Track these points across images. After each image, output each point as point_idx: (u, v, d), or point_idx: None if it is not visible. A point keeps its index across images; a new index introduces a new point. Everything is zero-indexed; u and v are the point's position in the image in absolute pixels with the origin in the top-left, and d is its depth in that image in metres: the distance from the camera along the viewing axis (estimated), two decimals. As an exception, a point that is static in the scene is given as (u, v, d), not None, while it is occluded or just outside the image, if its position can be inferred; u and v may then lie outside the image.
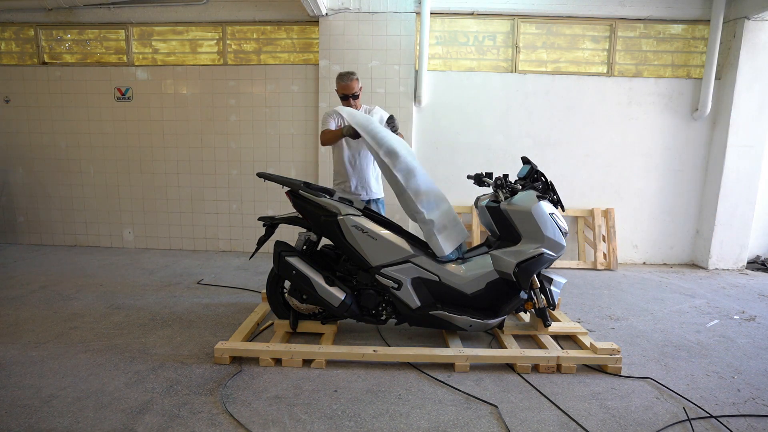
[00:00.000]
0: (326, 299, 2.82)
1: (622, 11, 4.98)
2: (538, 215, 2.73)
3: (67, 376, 2.50)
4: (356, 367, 2.66)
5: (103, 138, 5.48)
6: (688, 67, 5.16)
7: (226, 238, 5.55)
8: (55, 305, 3.59)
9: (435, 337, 3.10)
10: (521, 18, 5.07)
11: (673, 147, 5.19)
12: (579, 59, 5.18)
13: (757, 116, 4.93)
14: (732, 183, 5.01)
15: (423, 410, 2.25)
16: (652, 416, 2.24)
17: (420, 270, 2.82)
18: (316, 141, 5.27)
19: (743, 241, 5.14)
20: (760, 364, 2.83)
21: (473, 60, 5.19)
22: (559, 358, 2.66)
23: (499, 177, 2.93)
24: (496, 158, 5.20)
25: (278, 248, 2.92)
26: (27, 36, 5.44)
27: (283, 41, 5.27)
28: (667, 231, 5.34)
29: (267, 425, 2.11)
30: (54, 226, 5.69)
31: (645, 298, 4.09)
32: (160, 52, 5.36)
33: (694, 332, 3.32)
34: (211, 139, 5.39)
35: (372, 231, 2.78)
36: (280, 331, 2.98)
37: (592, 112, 5.14)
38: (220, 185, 5.46)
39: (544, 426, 2.15)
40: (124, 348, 2.86)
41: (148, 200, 5.54)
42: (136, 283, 4.21)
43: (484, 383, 2.52)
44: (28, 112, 5.49)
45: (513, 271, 2.74)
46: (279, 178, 2.90)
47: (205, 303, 3.71)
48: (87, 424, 2.09)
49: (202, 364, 2.67)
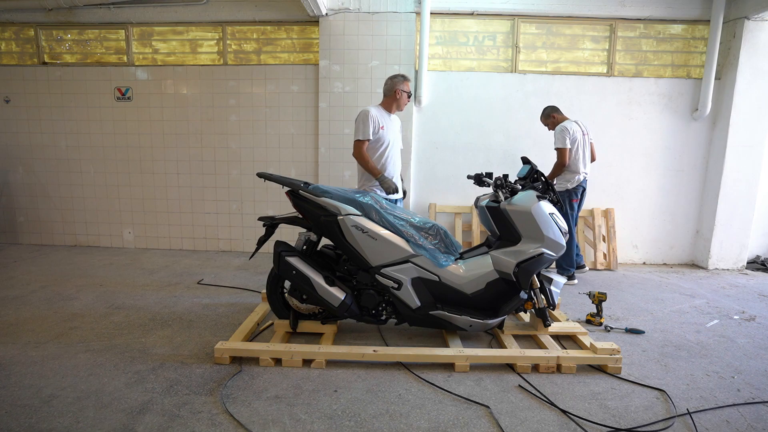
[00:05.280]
0: (326, 299, 2.82)
1: (622, 11, 4.98)
2: (538, 215, 2.73)
3: (67, 376, 2.50)
4: (356, 367, 2.66)
5: (103, 138, 5.48)
6: (688, 67, 5.16)
7: (226, 238, 5.55)
8: (55, 305, 3.59)
9: (435, 337, 3.10)
10: (521, 18, 5.07)
11: (673, 147, 5.19)
12: (579, 59, 5.19)
13: (757, 116, 4.93)
14: (732, 183, 5.01)
15: (423, 410, 2.25)
16: (652, 416, 2.24)
17: (420, 270, 2.82)
18: (316, 141, 5.27)
19: (743, 241, 5.14)
20: (760, 364, 2.83)
21: (473, 60, 5.19)
22: (559, 358, 2.66)
23: (499, 177, 2.93)
24: (496, 158, 5.20)
25: (278, 248, 2.92)
26: (27, 36, 5.44)
27: (283, 41, 5.27)
28: (667, 231, 5.34)
29: (267, 425, 2.11)
30: (54, 226, 5.69)
31: (645, 298, 4.09)
32: (160, 52, 5.36)
33: (694, 332, 3.32)
34: (211, 139, 5.39)
35: (372, 231, 2.78)
36: (280, 331, 2.98)
37: (592, 112, 5.14)
38: (220, 185, 5.46)
39: (544, 426, 2.14)
40: (124, 348, 2.86)
41: (148, 200, 5.54)
42: (136, 283, 4.21)
43: (484, 383, 2.52)
44: (28, 112, 5.50)
45: (513, 271, 2.74)
46: (279, 178, 2.90)
47: (205, 303, 3.71)
48: (87, 424, 2.09)
49: (202, 364, 2.67)
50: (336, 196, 2.86)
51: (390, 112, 3.60)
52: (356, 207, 2.83)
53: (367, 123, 3.40)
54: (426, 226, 2.95)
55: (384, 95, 3.60)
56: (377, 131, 3.44)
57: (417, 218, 2.99)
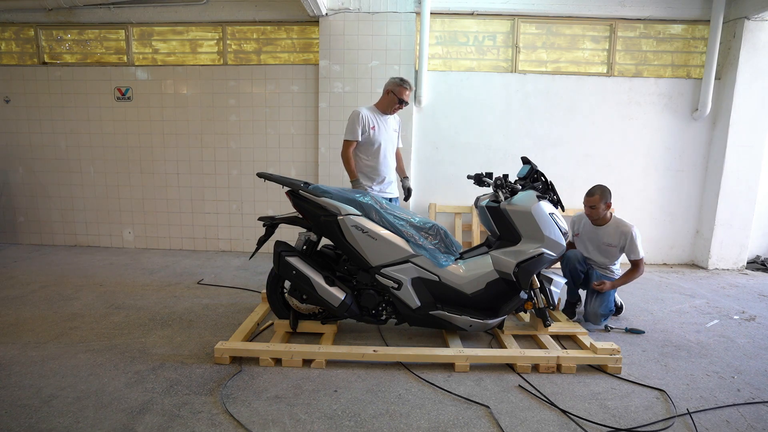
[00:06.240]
0: (326, 299, 2.82)
1: (622, 11, 4.98)
2: (538, 215, 2.73)
3: (67, 376, 2.50)
4: (356, 367, 2.66)
5: (103, 138, 5.48)
6: (688, 67, 5.16)
7: (226, 238, 5.55)
8: (55, 305, 3.59)
9: (435, 337, 3.10)
10: (521, 18, 5.07)
11: (673, 147, 5.19)
12: (579, 59, 5.18)
13: (757, 116, 4.93)
14: (732, 183, 5.01)
15: (423, 410, 2.25)
16: (652, 416, 2.24)
17: (420, 270, 2.82)
18: (316, 141, 5.27)
19: (743, 241, 5.14)
20: (760, 364, 2.83)
21: (473, 60, 5.19)
22: (559, 358, 2.66)
23: (499, 177, 2.93)
24: (496, 158, 5.20)
25: (278, 248, 2.92)
26: (27, 36, 5.44)
27: (283, 41, 5.27)
28: (667, 231, 5.34)
29: (267, 425, 2.11)
30: (54, 226, 5.69)
31: (645, 298, 4.09)
32: (160, 52, 5.36)
33: (694, 332, 3.32)
34: (211, 139, 5.39)
35: (372, 231, 2.78)
36: (280, 331, 2.98)
37: (592, 112, 5.15)
38: (220, 185, 5.46)
39: (544, 426, 2.14)
40: (124, 348, 2.86)
41: (148, 200, 5.54)
42: (136, 283, 4.21)
43: (484, 383, 2.52)
44: (28, 112, 5.50)
45: (513, 271, 2.74)
46: (279, 178, 2.90)
47: (205, 303, 3.71)
48: (87, 424, 2.09)
49: (202, 364, 2.67)
50: (336, 196, 2.86)
51: (384, 113, 3.60)
52: (356, 207, 2.83)
53: (355, 123, 3.44)
54: (426, 226, 2.95)
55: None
56: (366, 131, 3.46)
57: (417, 218, 2.99)
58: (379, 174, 3.59)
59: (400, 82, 3.49)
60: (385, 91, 3.55)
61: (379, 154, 3.55)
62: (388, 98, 3.53)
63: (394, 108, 3.56)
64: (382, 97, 3.58)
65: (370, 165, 3.57)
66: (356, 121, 3.45)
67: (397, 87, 3.48)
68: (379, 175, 3.59)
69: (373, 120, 3.51)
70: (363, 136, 3.48)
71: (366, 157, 3.56)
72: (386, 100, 3.55)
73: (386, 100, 3.55)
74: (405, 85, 3.49)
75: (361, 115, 3.46)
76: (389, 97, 3.52)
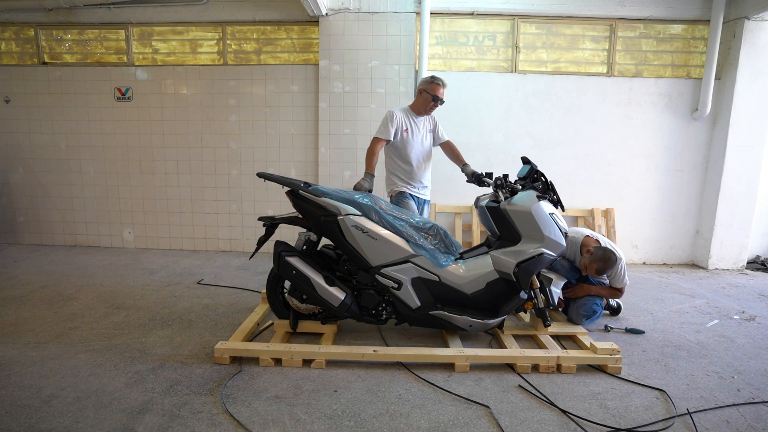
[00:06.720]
0: (326, 299, 2.82)
1: (622, 11, 4.98)
2: (538, 215, 2.73)
3: (67, 376, 2.50)
4: (356, 367, 2.66)
5: (103, 138, 5.48)
6: (688, 67, 5.16)
7: (226, 238, 5.55)
8: (55, 305, 3.59)
9: (435, 337, 3.10)
10: (521, 18, 5.07)
11: (673, 147, 5.19)
12: (579, 59, 5.19)
13: (757, 116, 4.93)
14: (732, 183, 5.01)
15: (423, 410, 2.25)
16: (652, 416, 2.24)
17: (420, 270, 2.82)
18: (316, 141, 5.27)
19: (743, 241, 5.14)
20: (760, 364, 2.83)
21: (473, 60, 5.19)
22: (559, 358, 2.66)
23: (499, 177, 2.93)
24: (496, 158, 5.20)
25: (278, 248, 2.92)
26: (27, 36, 5.44)
27: (283, 41, 5.27)
28: (667, 231, 5.34)
29: (267, 425, 2.11)
30: (54, 226, 5.69)
31: (645, 298, 4.09)
32: (160, 52, 5.36)
33: (694, 332, 3.32)
34: (211, 139, 5.39)
35: (372, 231, 2.77)
36: (280, 331, 2.98)
37: (592, 112, 5.15)
38: (220, 185, 5.46)
39: (544, 426, 2.14)
40: (124, 348, 2.86)
41: (148, 200, 5.54)
42: (136, 283, 4.21)
43: (484, 383, 2.52)
44: (28, 112, 5.50)
45: (513, 271, 2.74)
46: (279, 178, 2.90)
47: (205, 303, 3.71)
48: (87, 424, 2.09)
49: (202, 364, 2.66)
50: (336, 197, 2.86)
51: (419, 114, 3.55)
52: (356, 207, 2.83)
53: (388, 123, 3.40)
54: (426, 226, 2.95)
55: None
56: (399, 134, 3.43)
57: (417, 218, 2.99)
58: (414, 178, 3.55)
59: (432, 79, 3.44)
60: (418, 91, 3.50)
61: (413, 159, 3.51)
62: (422, 98, 3.48)
63: (429, 107, 3.48)
64: (416, 98, 3.53)
65: (406, 169, 3.53)
66: (390, 120, 3.39)
67: (428, 84, 3.44)
68: (415, 179, 3.56)
69: (407, 122, 3.47)
70: (396, 138, 3.43)
71: (401, 162, 3.52)
72: (420, 100, 3.49)
73: (420, 100, 3.49)
74: (437, 82, 3.43)
75: (395, 116, 3.41)
76: (423, 96, 3.47)
